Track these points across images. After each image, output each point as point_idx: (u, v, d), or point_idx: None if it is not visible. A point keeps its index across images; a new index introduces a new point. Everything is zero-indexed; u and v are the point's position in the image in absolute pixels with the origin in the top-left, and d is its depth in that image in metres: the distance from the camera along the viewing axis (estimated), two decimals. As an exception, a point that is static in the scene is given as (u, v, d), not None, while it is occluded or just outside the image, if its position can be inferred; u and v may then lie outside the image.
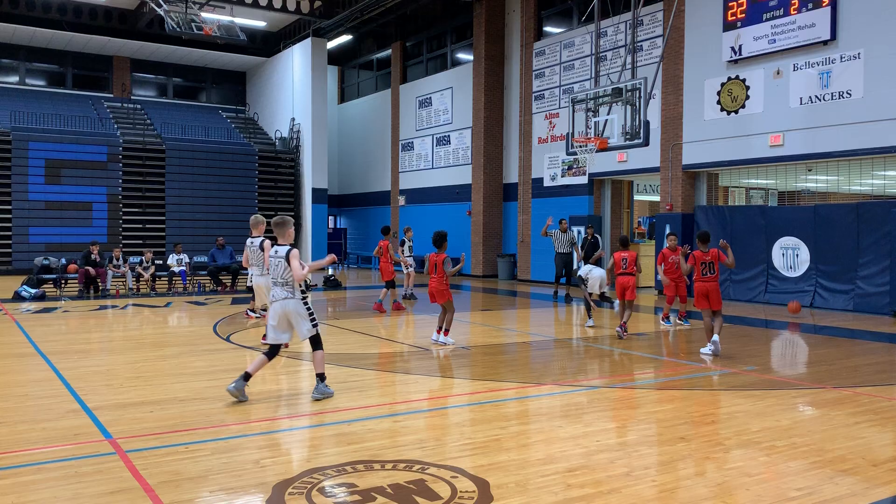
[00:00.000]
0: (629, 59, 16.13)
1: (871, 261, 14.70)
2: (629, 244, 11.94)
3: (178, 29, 21.66)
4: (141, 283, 19.36)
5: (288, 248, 7.02)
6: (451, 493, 4.51)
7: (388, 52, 30.07)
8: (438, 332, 10.68)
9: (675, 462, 5.32)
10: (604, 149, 15.16)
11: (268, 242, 10.18)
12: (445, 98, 26.53)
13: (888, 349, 10.90)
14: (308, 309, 7.07)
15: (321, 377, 7.20)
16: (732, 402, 7.16)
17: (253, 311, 13.09)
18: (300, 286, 7.03)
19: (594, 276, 12.79)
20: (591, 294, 12.79)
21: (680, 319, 12.89)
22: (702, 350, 9.87)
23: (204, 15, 22.06)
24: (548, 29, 23.03)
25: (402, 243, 17.56)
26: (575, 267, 16.56)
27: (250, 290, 11.64)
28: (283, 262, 7.00)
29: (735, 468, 5.10)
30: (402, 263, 17.38)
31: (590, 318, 12.75)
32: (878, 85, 14.30)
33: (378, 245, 15.46)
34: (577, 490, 4.61)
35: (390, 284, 15.14)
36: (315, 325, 7.12)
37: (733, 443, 5.70)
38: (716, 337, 9.67)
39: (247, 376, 6.95)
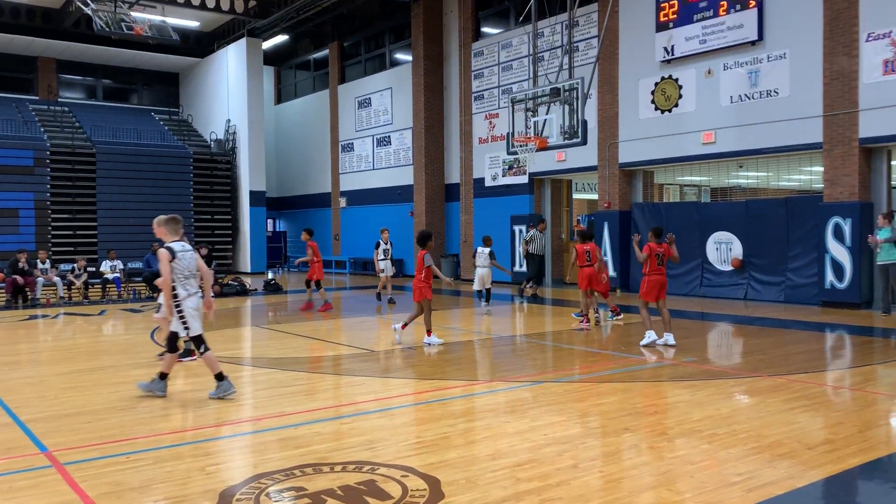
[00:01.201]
0: (566, 60, 16.37)
1: (800, 253, 15.25)
2: (591, 238, 12.68)
3: (107, 29, 21.00)
4: (73, 291, 18.74)
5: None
6: (402, 492, 4.49)
7: (326, 52, 29.81)
8: (403, 327, 10.73)
9: (621, 452, 5.42)
10: (543, 148, 15.34)
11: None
12: (385, 98, 26.45)
13: (817, 338, 11.34)
14: None
15: (220, 376, 7.26)
16: (674, 393, 7.34)
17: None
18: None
19: (476, 273, 14.54)
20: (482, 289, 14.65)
21: (611, 314, 13.08)
22: (657, 342, 10.06)
23: (134, 14, 21.46)
24: (486, 29, 23.19)
25: (377, 245, 16.64)
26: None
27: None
28: (196, 256, 7.40)
29: (679, 456, 5.22)
30: (375, 268, 16.82)
31: (485, 304, 14.71)
32: (802, 84, 14.85)
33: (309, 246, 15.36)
34: (526, 484, 4.65)
35: (318, 285, 15.31)
36: None
37: (676, 432, 5.84)
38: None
39: (220, 376, 7.22)
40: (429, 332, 10.55)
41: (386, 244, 16.51)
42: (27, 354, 10.64)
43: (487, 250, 15.03)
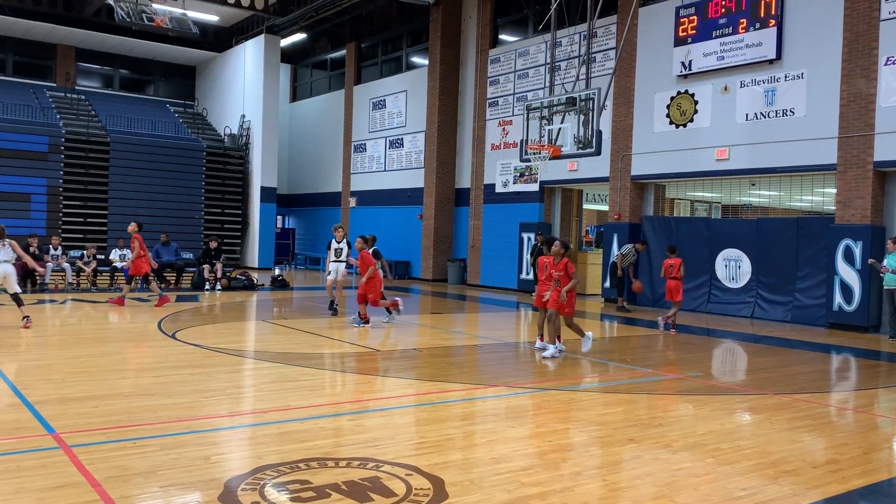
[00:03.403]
0: (583, 70, 16.38)
1: (808, 274, 15.21)
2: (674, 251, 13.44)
3: (127, 19, 21.14)
4: (81, 277, 18.82)
5: None
6: (407, 491, 4.50)
7: (343, 52, 29.91)
8: (558, 340, 10.29)
9: (625, 462, 5.42)
10: (557, 156, 15.35)
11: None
12: (399, 101, 26.52)
13: (823, 359, 11.31)
14: None
15: None
16: (678, 407, 7.33)
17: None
18: None
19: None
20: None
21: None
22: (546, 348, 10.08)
23: (155, 6, 21.60)
24: (503, 37, 23.24)
25: (329, 245, 14.51)
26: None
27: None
28: None
29: (683, 469, 5.22)
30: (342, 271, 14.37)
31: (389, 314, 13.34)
32: (819, 104, 14.83)
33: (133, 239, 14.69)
34: (530, 488, 4.66)
35: (147, 280, 15.07)
36: None
37: (680, 445, 5.83)
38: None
39: None
40: (542, 336, 10.34)
41: (339, 244, 14.32)
42: (35, 338, 10.69)
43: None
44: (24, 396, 6.57)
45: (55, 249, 18.44)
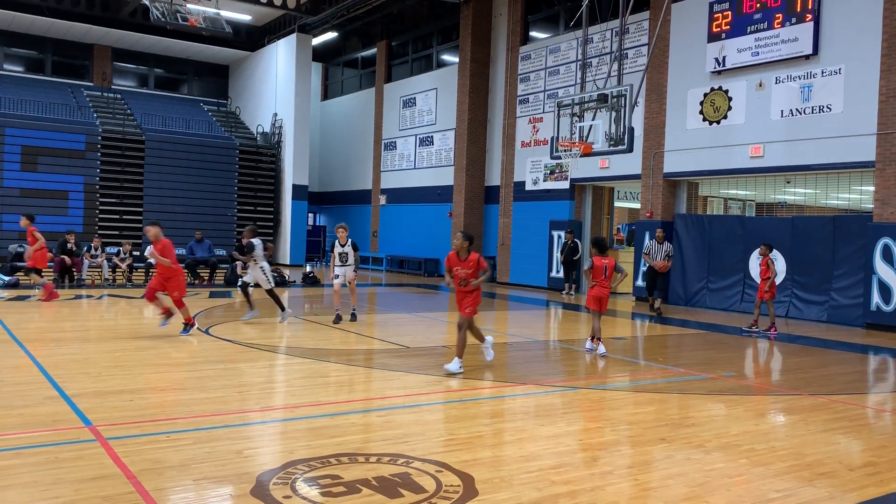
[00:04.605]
0: (615, 67, 16.25)
1: (845, 273, 14.93)
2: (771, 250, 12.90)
3: (162, 19, 21.42)
4: (117, 273, 19.15)
5: None
6: (437, 487, 4.51)
7: (374, 50, 30.03)
8: (595, 340, 10.16)
9: (657, 462, 5.37)
10: (588, 153, 15.26)
11: None
12: (430, 99, 26.54)
13: (861, 359, 11.09)
14: None
15: None
16: (711, 407, 7.24)
17: None
18: None
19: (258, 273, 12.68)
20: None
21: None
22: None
23: (189, 6, 21.87)
24: (534, 34, 23.14)
25: (332, 248, 12.67)
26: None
27: None
28: None
29: (716, 469, 5.15)
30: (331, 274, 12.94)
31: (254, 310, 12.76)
32: (857, 100, 14.53)
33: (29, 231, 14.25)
34: (560, 486, 4.64)
35: (38, 273, 14.56)
36: None
37: (713, 445, 5.76)
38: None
39: None
40: (593, 338, 10.21)
41: (344, 247, 12.41)
42: (72, 332, 10.91)
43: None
44: (63, 389, 6.71)
45: (96, 250, 18.82)
